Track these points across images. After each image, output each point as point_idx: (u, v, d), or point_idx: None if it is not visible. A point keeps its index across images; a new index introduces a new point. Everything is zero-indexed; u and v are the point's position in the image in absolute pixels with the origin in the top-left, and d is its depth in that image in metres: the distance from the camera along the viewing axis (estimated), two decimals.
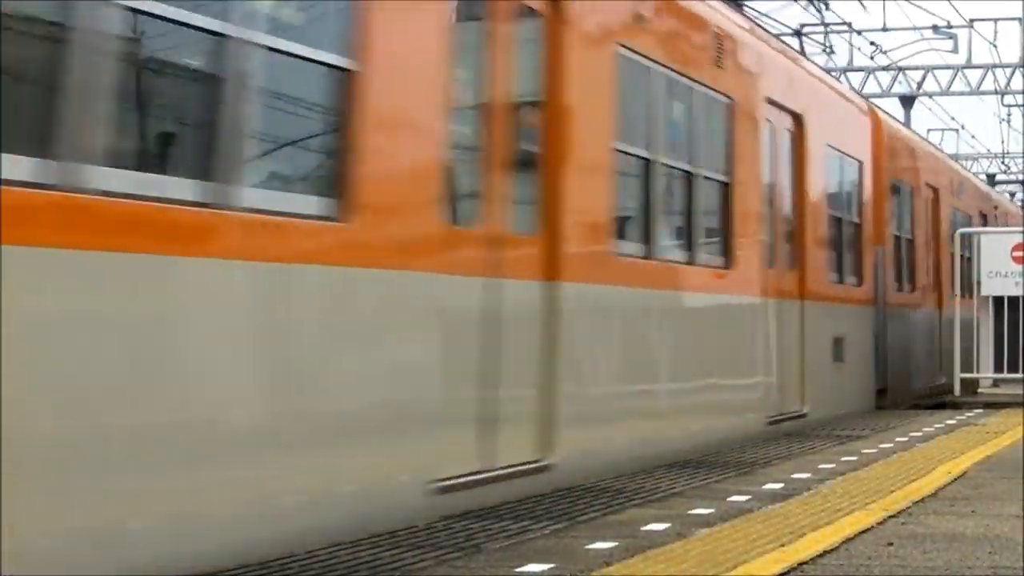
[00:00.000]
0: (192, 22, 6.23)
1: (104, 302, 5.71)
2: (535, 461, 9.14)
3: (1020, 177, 53.03)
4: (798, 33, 29.46)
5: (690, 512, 8.24)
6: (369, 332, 7.42)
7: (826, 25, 33.05)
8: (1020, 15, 33.78)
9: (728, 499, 8.88)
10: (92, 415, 5.64)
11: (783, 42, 17.14)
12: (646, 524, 7.74)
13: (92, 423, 5.65)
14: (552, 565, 6.46)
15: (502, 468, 8.70)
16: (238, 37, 6.45)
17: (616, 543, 7.07)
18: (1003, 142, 48.96)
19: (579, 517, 8.02)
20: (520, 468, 8.92)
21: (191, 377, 6.17)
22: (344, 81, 7.18)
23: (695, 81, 12.38)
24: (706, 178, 12.63)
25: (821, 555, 6.79)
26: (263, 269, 6.61)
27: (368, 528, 7.18)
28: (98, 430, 5.67)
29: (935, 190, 23.17)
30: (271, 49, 6.68)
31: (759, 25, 15.84)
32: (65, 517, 5.51)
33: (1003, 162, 51.34)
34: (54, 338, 5.45)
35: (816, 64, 18.76)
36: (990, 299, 19.83)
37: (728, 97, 13.16)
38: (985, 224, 26.97)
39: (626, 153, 10.87)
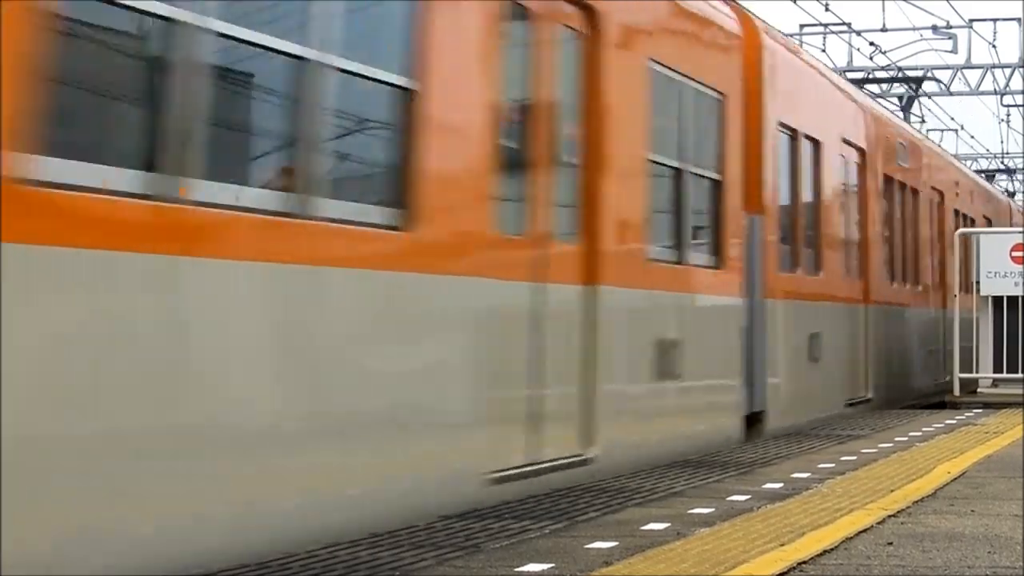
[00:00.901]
0: None
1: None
2: None
3: (1021, 178, 53.03)
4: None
5: (690, 512, 8.25)
6: None
7: (825, 25, 33.09)
8: (1019, 15, 33.83)
9: (728, 498, 8.88)
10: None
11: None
12: (646, 524, 7.74)
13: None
14: (552, 565, 6.47)
15: None
16: None
17: (616, 543, 7.07)
18: (1002, 142, 48.90)
19: (579, 517, 8.02)
20: None
21: None
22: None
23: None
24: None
25: (821, 554, 6.79)
26: None
27: None
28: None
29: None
30: None
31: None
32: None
33: (1002, 162, 51.35)
34: None
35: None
36: (989, 299, 19.83)
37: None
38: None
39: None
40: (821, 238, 16.46)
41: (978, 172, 40.66)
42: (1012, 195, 49.71)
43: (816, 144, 16.34)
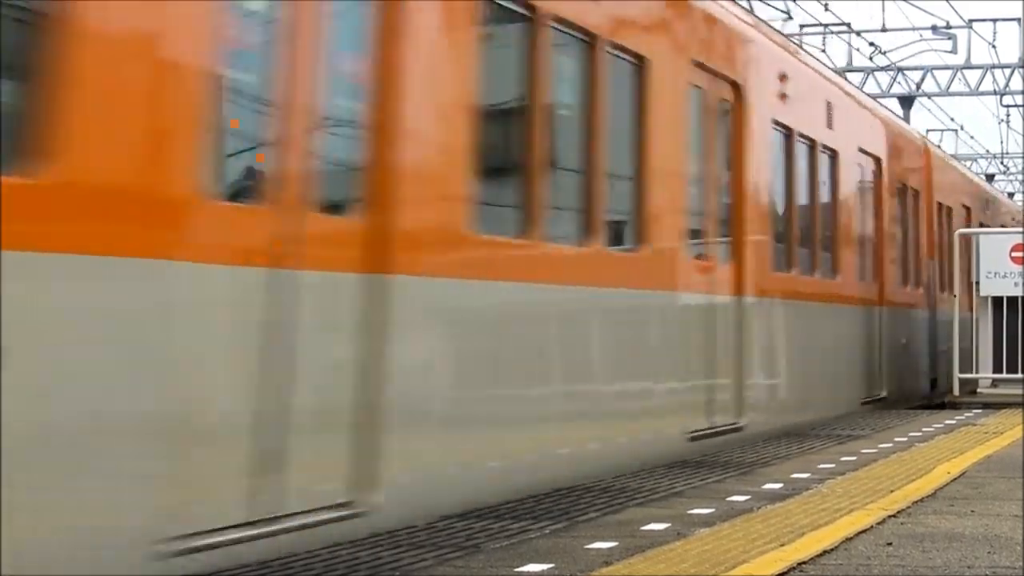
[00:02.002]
0: None
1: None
2: None
3: (1021, 178, 53.02)
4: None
5: (690, 512, 8.25)
6: None
7: (825, 26, 33.09)
8: (1019, 16, 33.79)
9: (728, 499, 8.88)
10: None
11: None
12: (646, 524, 7.75)
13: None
14: (552, 565, 6.47)
15: None
16: None
17: (616, 543, 7.08)
18: (1002, 142, 48.87)
19: (579, 517, 8.03)
20: None
21: None
22: None
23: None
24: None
25: (821, 555, 6.80)
26: None
27: None
28: None
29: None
30: None
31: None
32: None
33: (1002, 162, 51.35)
34: None
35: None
36: (989, 299, 19.83)
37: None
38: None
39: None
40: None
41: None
42: (1012, 195, 49.71)
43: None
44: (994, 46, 34.57)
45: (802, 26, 33.62)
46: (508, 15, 9.12)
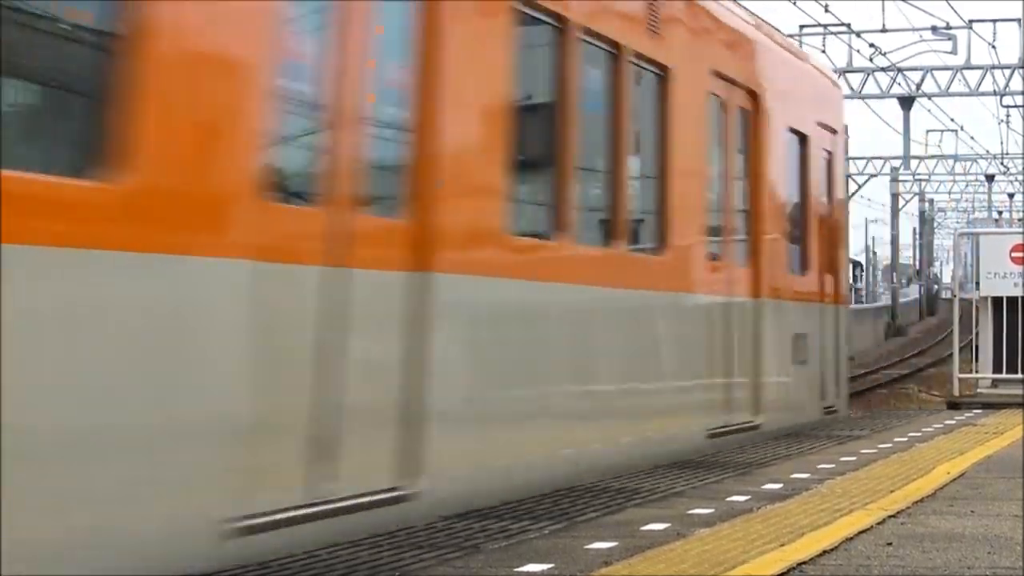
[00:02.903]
0: None
1: None
2: None
3: (1021, 178, 53.05)
4: None
5: (690, 512, 8.25)
6: None
7: (825, 26, 33.12)
8: (1019, 16, 33.83)
9: (728, 499, 8.88)
10: None
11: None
12: (645, 524, 7.75)
13: None
14: (551, 565, 6.48)
15: None
16: None
17: (615, 543, 7.08)
18: (1002, 143, 48.92)
19: (578, 517, 8.03)
20: None
21: None
22: None
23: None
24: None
25: (820, 555, 6.80)
26: None
27: None
28: None
29: None
30: None
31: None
32: None
33: (1002, 163, 51.39)
34: None
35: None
36: (989, 300, 19.83)
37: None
38: None
39: None
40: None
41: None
42: (1012, 196, 49.76)
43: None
44: (994, 47, 34.64)
45: (802, 26, 33.68)
46: None
